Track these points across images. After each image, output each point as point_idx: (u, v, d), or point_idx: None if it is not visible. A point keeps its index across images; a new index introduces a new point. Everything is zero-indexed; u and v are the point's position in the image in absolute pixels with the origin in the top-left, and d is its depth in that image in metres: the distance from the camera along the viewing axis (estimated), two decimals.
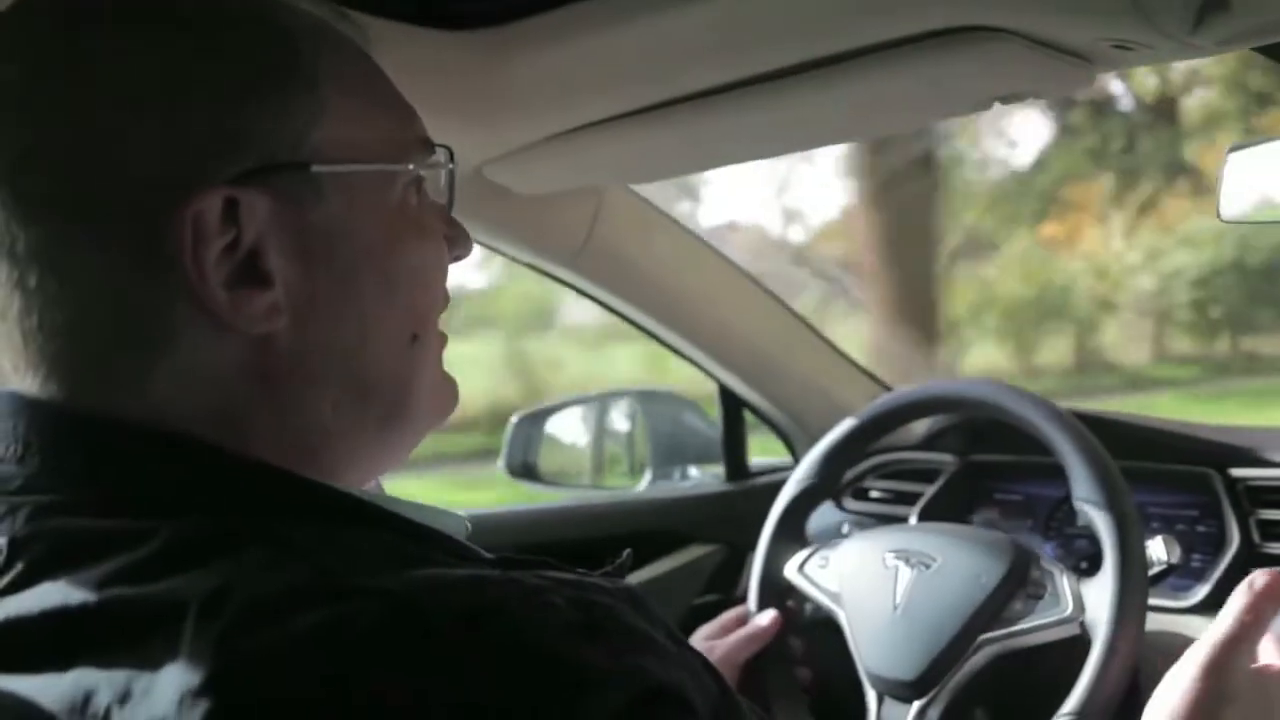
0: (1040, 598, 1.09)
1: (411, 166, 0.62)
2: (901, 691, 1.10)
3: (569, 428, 1.79)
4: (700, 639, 1.25)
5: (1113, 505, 1.09)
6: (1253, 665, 0.80)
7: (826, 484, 1.33)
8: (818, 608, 1.22)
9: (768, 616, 1.25)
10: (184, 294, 0.55)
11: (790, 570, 1.25)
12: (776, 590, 1.27)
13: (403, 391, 0.62)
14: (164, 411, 0.56)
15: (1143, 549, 1.08)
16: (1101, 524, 1.09)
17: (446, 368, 0.67)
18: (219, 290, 0.55)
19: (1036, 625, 1.07)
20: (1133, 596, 1.04)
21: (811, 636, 1.27)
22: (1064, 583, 1.09)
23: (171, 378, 0.56)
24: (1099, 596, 1.06)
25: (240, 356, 0.57)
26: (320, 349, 0.58)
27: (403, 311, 0.61)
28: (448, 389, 0.67)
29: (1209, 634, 0.80)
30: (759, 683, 1.24)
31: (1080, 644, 1.05)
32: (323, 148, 0.58)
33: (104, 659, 0.49)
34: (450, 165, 0.66)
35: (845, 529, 1.48)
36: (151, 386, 0.56)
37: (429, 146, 0.64)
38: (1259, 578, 0.81)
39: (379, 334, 0.60)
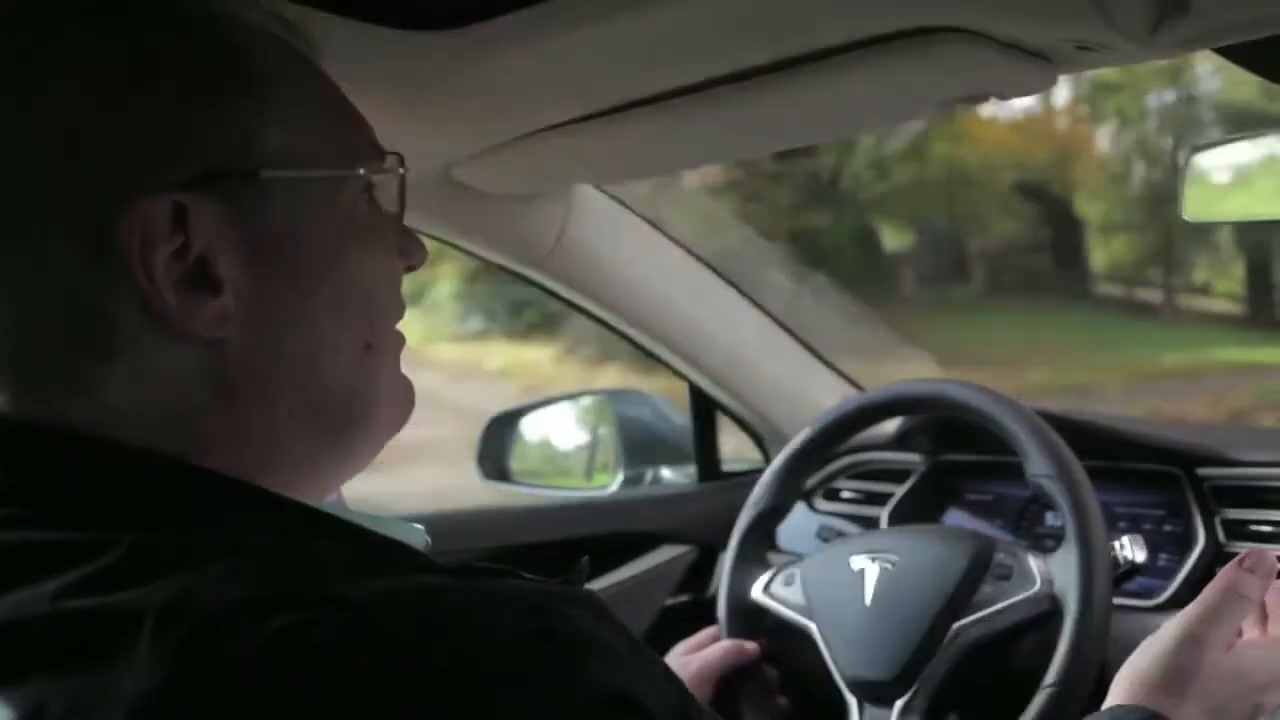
0: (1008, 578, 1.10)
1: (362, 172, 0.61)
2: (882, 692, 1.11)
3: (542, 429, 1.79)
4: (676, 655, 1.25)
5: (1063, 474, 1.11)
6: (1234, 639, 0.79)
7: (787, 499, 1.34)
8: (788, 625, 1.21)
9: (745, 643, 1.25)
10: (134, 299, 0.54)
11: (756, 592, 1.25)
12: (745, 612, 1.26)
13: (357, 400, 0.62)
14: (117, 420, 0.55)
15: (1099, 511, 1.09)
16: (1056, 492, 1.10)
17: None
18: (169, 295, 0.55)
19: (1008, 605, 1.08)
20: (1097, 558, 1.06)
21: (784, 658, 1.26)
22: (1029, 560, 1.11)
23: (123, 386, 0.55)
24: (1065, 566, 1.07)
25: (192, 364, 0.56)
26: (273, 357, 0.58)
27: (355, 320, 0.61)
28: (404, 395, 0.66)
29: (1190, 606, 0.80)
30: (734, 703, 1.24)
31: (1054, 619, 1.06)
32: (272, 153, 0.57)
33: (58, 671, 0.48)
34: (402, 171, 0.65)
35: (817, 531, 1.48)
36: (103, 395, 0.55)
37: (380, 153, 0.64)
38: (1250, 555, 0.81)
39: (332, 342, 0.60)
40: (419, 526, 0.64)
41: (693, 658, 1.23)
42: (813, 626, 1.18)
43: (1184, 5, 0.71)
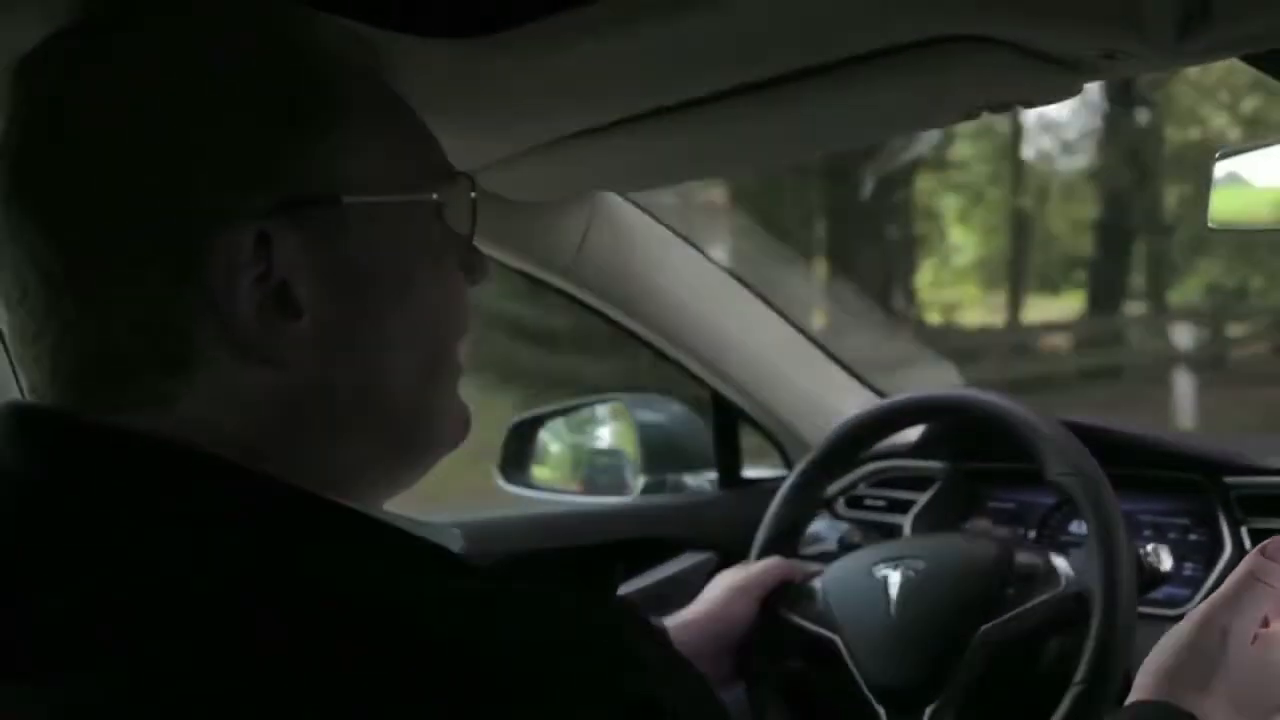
0: (1033, 579, 1.10)
1: (435, 196, 0.62)
2: (910, 700, 1.09)
3: (564, 434, 1.79)
4: (726, 575, 1.27)
5: (1079, 471, 1.10)
6: (1257, 630, 0.78)
7: (807, 510, 1.33)
8: (813, 639, 1.20)
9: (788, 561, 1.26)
10: (215, 323, 0.55)
11: (778, 607, 1.24)
12: (766, 625, 1.24)
13: (421, 424, 0.63)
14: (188, 434, 0.56)
15: (1118, 507, 1.08)
16: (1073, 488, 1.10)
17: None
18: (250, 320, 0.55)
19: (1033, 605, 1.07)
20: (1119, 553, 1.05)
21: (810, 671, 1.24)
22: (1053, 560, 1.10)
23: (194, 402, 0.56)
24: (1088, 562, 1.06)
25: (265, 385, 0.57)
26: (344, 380, 0.59)
27: (425, 343, 0.62)
28: (462, 419, 0.67)
29: (1213, 595, 0.79)
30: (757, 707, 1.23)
31: (1080, 619, 1.05)
32: (351, 179, 0.58)
33: (100, 665, 0.49)
34: (472, 194, 0.66)
35: (839, 539, 1.48)
36: (174, 410, 0.56)
37: (451, 174, 0.65)
38: (1272, 542, 0.80)
39: (400, 367, 0.61)
40: (455, 530, 0.64)
41: (739, 577, 1.24)
42: (837, 639, 1.16)
43: (1208, 13, 0.71)
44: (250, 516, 0.55)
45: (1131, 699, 0.79)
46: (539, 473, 1.74)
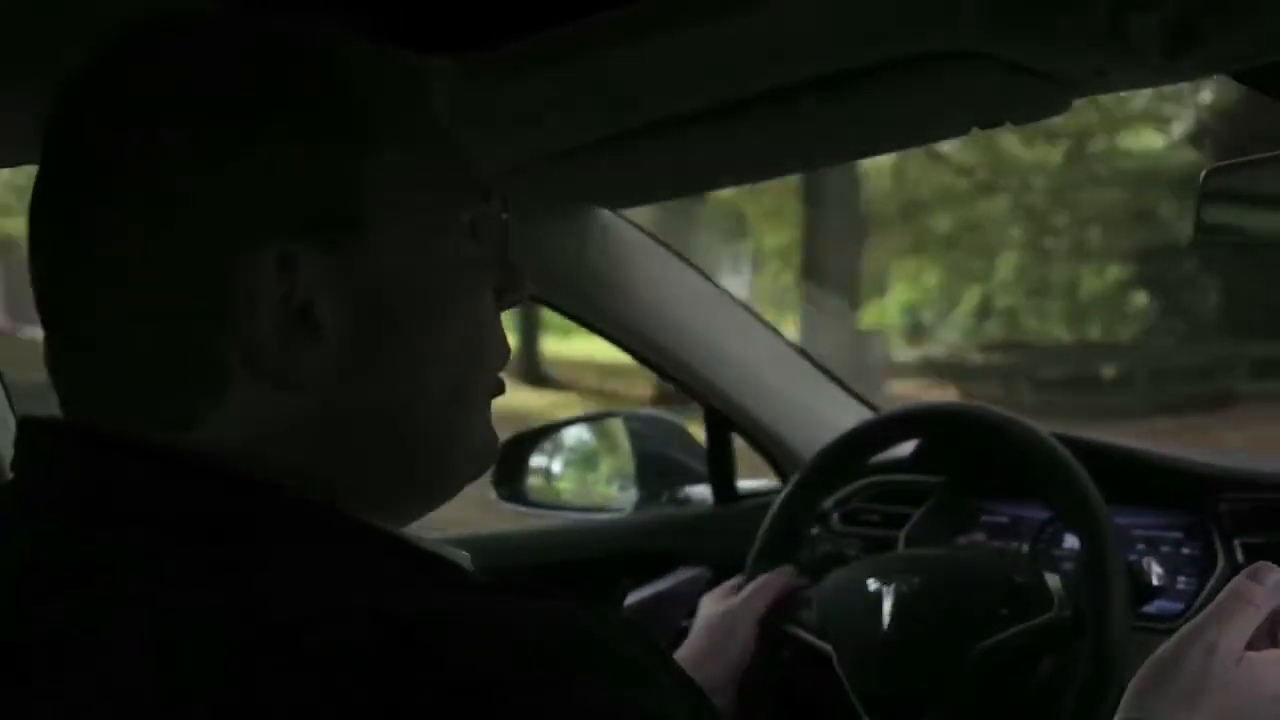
0: (1027, 600, 1.09)
1: (467, 216, 0.61)
2: (901, 715, 1.10)
3: (559, 450, 1.79)
4: (713, 600, 1.26)
5: (1071, 485, 1.10)
6: (1243, 651, 0.77)
7: (802, 522, 1.33)
8: (806, 649, 1.20)
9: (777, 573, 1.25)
10: (237, 342, 0.55)
11: (776, 618, 1.24)
12: (762, 635, 1.25)
13: (444, 450, 0.62)
14: (208, 454, 0.56)
15: (1114, 528, 1.07)
16: (1066, 504, 1.10)
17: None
18: (272, 341, 0.55)
19: (1026, 627, 1.07)
20: (1112, 570, 1.04)
21: (803, 682, 1.25)
22: (1046, 580, 1.09)
23: (215, 422, 0.56)
24: (1082, 584, 1.06)
25: (288, 408, 0.56)
26: (367, 403, 0.58)
27: (454, 368, 0.61)
28: (487, 447, 0.65)
29: (1202, 614, 0.79)
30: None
31: (1073, 640, 1.05)
32: (378, 200, 0.57)
33: (110, 674, 0.49)
34: (504, 212, 0.65)
35: (833, 553, 1.48)
36: (193, 429, 0.56)
37: (483, 191, 0.63)
38: (1258, 566, 0.80)
39: (425, 391, 0.60)
40: (464, 553, 0.64)
41: (734, 601, 1.23)
42: (830, 650, 1.17)
43: (1197, 31, 0.71)
44: (266, 531, 0.55)
45: (1117, 718, 0.79)
46: (535, 488, 1.74)
